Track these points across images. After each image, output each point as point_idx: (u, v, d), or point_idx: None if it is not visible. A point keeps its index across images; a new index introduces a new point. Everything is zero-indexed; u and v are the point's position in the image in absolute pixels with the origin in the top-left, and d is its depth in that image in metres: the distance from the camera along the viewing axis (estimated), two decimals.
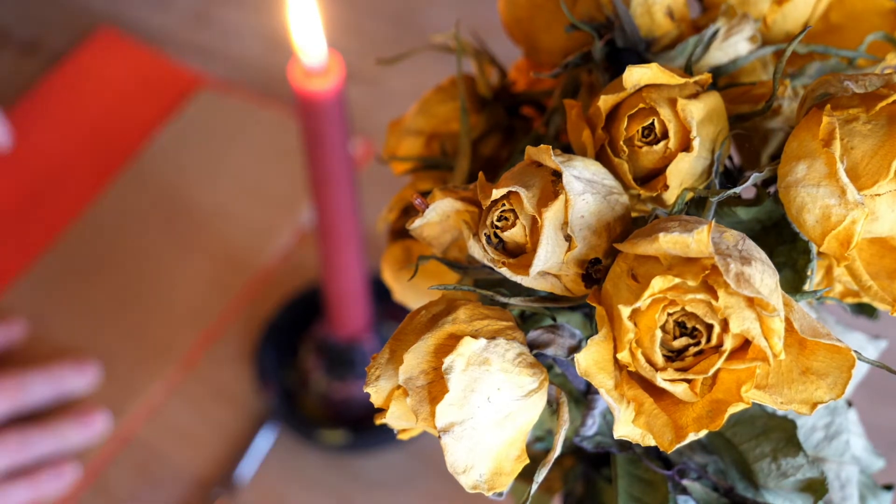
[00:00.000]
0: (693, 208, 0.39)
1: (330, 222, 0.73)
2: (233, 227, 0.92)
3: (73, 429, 0.81)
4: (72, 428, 0.81)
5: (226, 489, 0.80)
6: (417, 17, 1.07)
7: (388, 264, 0.47)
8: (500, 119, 0.47)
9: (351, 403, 0.83)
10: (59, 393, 0.83)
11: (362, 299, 0.79)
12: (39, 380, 0.82)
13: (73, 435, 0.81)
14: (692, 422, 0.34)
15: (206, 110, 0.99)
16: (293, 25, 0.64)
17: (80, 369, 0.84)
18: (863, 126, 0.36)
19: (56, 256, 0.92)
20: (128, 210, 0.94)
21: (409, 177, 0.49)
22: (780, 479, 0.42)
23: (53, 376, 0.83)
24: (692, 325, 0.33)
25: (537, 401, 0.36)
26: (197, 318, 0.88)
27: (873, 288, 0.37)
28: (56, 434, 0.80)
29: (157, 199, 0.94)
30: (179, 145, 0.97)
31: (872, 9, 0.43)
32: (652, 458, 0.42)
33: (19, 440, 0.79)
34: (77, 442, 0.81)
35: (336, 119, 0.67)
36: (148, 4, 1.10)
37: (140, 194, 0.95)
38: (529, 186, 0.36)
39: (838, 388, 0.34)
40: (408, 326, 0.37)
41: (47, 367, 0.83)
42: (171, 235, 0.92)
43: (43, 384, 0.82)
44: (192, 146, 0.97)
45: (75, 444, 0.81)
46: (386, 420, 0.37)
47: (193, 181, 0.95)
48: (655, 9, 0.42)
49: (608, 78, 0.42)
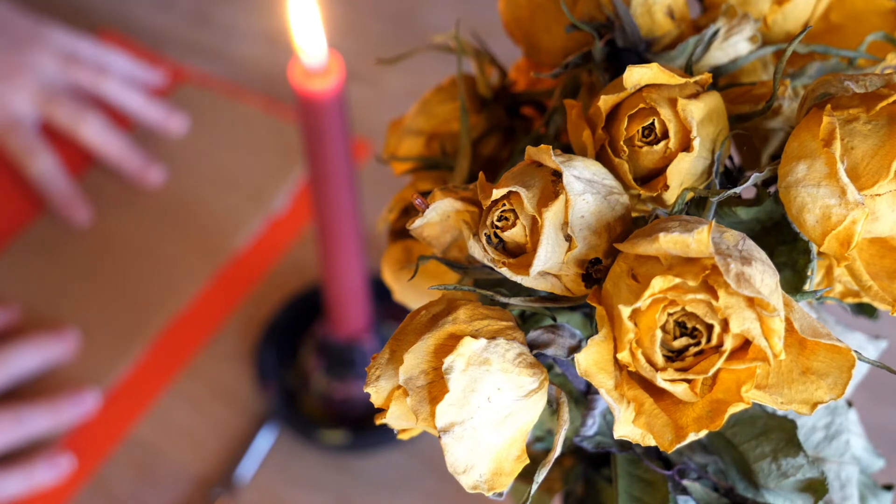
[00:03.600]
0: (693, 208, 0.39)
1: (330, 222, 0.73)
2: (206, 213, 0.95)
3: (64, 405, 0.82)
4: (63, 404, 0.82)
5: (226, 489, 0.80)
6: (417, 17, 1.08)
7: (388, 264, 0.47)
8: (500, 119, 0.47)
9: (351, 403, 0.83)
10: (43, 362, 0.85)
11: (362, 299, 0.79)
12: (21, 351, 0.84)
13: (65, 411, 0.82)
14: (692, 422, 0.34)
15: (186, 103, 1.01)
16: (293, 25, 0.64)
17: (59, 337, 0.86)
18: (863, 126, 0.36)
19: (31, 237, 0.94)
20: (105, 193, 0.96)
21: (410, 177, 0.49)
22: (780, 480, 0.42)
23: (35, 346, 0.85)
24: (692, 325, 0.33)
25: (537, 401, 0.36)
26: (169, 300, 0.90)
27: (873, 288, 0.37)
28: (48, 411, 0.82)
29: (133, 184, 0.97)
30: (159, 134, 0.99)
31: (872, 9, 0.43)
32: (652, 458, 0.42)
33: (13, 418, 0.80)
34: (69, 418, 0.83)
35: (336, 119, 0.67)
36: (149, 4, 1.10)
37: (116, 179, 0.97)
38: (529, 186, 0.36)
39: (838, 388, 0.34)
40: (408, 326, 0.37)
41: (27, 338, 0.85)
42: (144, 218, 0.95)
43: (25, 354, 0.84)
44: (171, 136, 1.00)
45: (67, 420, 0.83)
46: (386, 420, 0.37)
47: (171, 168, 0.97)
48: (656, 9, 0.42)
49: (608, 78, 0.42)
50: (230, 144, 0.99)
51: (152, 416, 0.84)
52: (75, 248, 0.93)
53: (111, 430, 0.84)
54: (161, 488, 0.81)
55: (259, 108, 1.01)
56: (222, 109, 1.01)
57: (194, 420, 0.84)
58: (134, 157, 0.96)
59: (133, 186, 0.96)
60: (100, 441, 0.83)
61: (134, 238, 0.94)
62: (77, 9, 1.09)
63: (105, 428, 0.84)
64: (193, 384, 0.86)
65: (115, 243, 0.93)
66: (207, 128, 1.00)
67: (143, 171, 0.96)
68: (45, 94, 0.95)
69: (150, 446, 0.83)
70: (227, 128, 1.00)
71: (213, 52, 1.06)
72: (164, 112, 0.98)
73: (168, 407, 0.85)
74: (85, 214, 0.94)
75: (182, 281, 0.91)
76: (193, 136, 1.00)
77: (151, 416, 0.84)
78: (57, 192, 0.94)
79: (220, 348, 0.87)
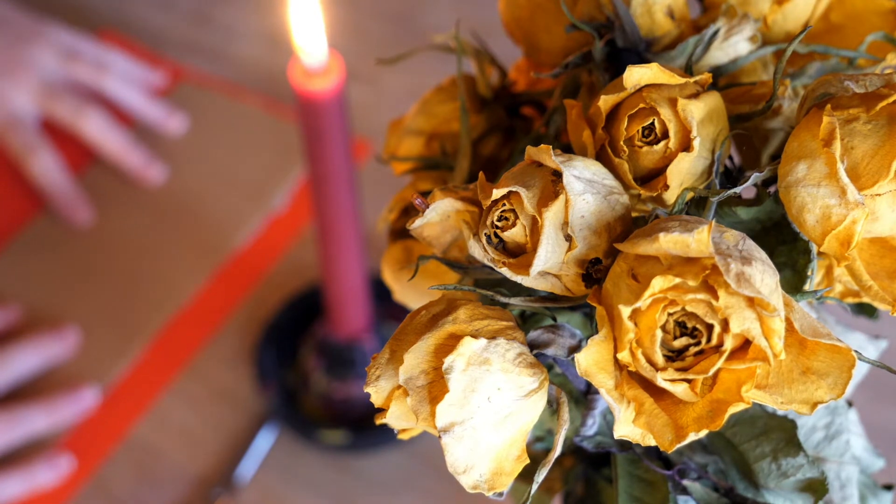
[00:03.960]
0: (693, 208, 0.39)
1: (330, 222, 0.73)
2: (206, 212, 0.95)
3: (62, 403, 0.82)
4: (61, 402, 0.82)
5: (226, 489, 0.80)
6: (417, 17, 1.08)
7: (388, 264, 0.47)
8: (500, 119, 0.47)
9: (351, 403, 0.83)
10: (44, 361, 0.84)
11: (362, 299, 0.79)
12: (22, 351, 0.84)
13: (62, 409, 0.82)
14: (692, 422, 0.34)
15: (186, 103, 1.01)
16: (293, 25, 0.64)
17: (59, 336, 0.86)
18: (863, 126, 0.36)
19: (31, 235, 0.94)
20: (105, 191, 0.96)
21: (410, 177, 0.49)
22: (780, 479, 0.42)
23: (35, 346, 0.84)
24: (692, 325, 0.33)
25: (537, 401, 0.36)
26: (168, 299, 0.90)
27: (873, 288, 0.37)
28: (46, 410, 0.81)
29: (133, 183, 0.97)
30: (158, 133, 0.99)
31: (872, 9, 0.43)
32: (652, 458, 0.42)
33: (10, 418, 0.80)
34: (67, 416, 0.82)
35: (336, 119, 0.67)
36: (149, 5, 1.10)
37: (116, 177, 0.97)
38: (530, 186, 0.36)
39: (838, 388, 0.34)
40: (408, 326, 0.37)
41: (28, 338, 0.84)
42: (144, 217, 0.95)
43: (26, 355, 0.84)
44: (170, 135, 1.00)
45: (65, 418, 0.82)
46: (386, 420, 0.37)
47: (171, 167, 0.97)
48: (656, 9, 0.41)
49: (608, 78, 0.42)
50: (230, 143, 1.00)
51: (152, 416, 0.84)
52: (75, 246, 0.93)
53: (111, 430, 0.84)
54: (161, 488, 0.81)
55: (259, 108, 1.01)
56: (222, 109, 1.01)
57: (194, 420, 0.84)
58: (135, 154, 0.95)
59: (133, 185, 0.96)
60: (100, 441, 0.83)
61: (134, 236, 0.94)
62: (77, 9, 1.09)
63: (105, 428, 0.84)
64: (193, 384, 0.86)
65: (115, 242, 0.93)
66: (207, 127, 1.00)
67: (143, 168, 0.95)
68: (45, 91, 0.95)
69: (150, 446, 0.83)
70: (226, 127, 1.00)
71: (213, 52, 1.06)
72: (164, 111, 0.98)
73: (168, 407, 0.85)
74: (85, 214, 0.94)
75: (182, 279, 0.91)
76: (193, 136, 1.00)
77: (151, 416, 0.84)
78: (57, 191, 0.94)
79: (220, 348, 0.87)
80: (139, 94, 0.98)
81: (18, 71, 0.95)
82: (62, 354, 0.86)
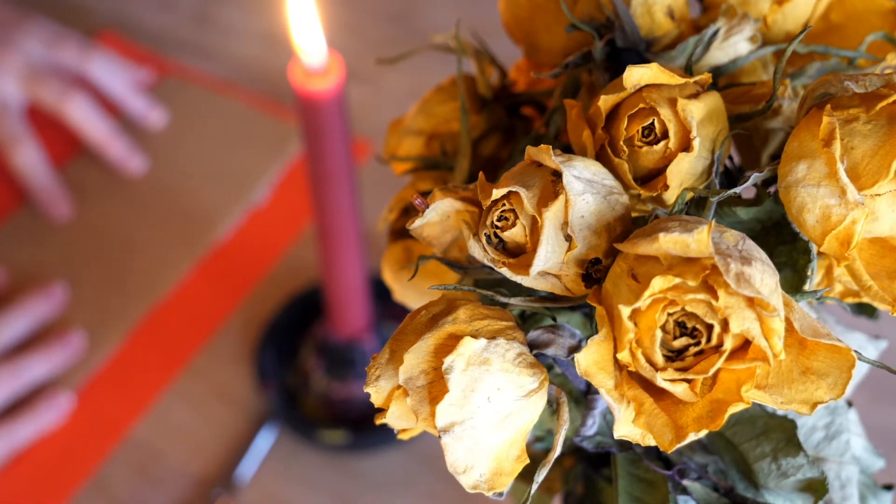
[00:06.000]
0: (693, 208, 0.39)
1: (330, 222, 0.73)
2: (188, 203, 0.96)
3: (56, 350, 0.85)
4: (55, 349, 0.85)
5: (226, 489, 0.80)
6: (417, 17, 1.08)
7: (388, 264, 0.47)
8: (500, 119, 0.47)
9: (351, 403, 0.83)
10: (35, 321, 0.87)
11: (362, 299, 0.79)
12: (13, 314, 0.86)
13: (57, 355, 0.85)
14: (692, 422, 0.34)
15: (170, 96, 1.02)
16: (293, 25, 0.64)
17: (47, 294, 0.88)
18: (863, 126, 0.36)
19: (12, 227, 0.94)
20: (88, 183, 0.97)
21: (410, 177, 0.49)
22: (780, 479, 0.42)
23: (25, 307, 0.86)
24: (692, 325, 0.33)
25: (537, 401, 0.36)
26: (150, 290, 0.91)
27: (873, 288, 0.37)
28: (43, 357, 0.84)
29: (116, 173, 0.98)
30: (140, 126, 1.00)
31: (872, 9, 0.43)
32: (652, 458, 0.42)
33: (10, 370, 0.82)
34: (62, 361, 0.85)
35: (336, 119, 0.67)
36: (149, 5, 1.10)
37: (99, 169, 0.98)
38: (529, 186, 0.36)
39: (838, 388, 0.34)
40: (408, 326, 0.37)
41: (16, 301, 0.87)
42: (126, 208, 0.96)
43: (18, 317, 0.86)
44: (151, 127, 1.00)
45: (61, 363, 0.85)
46: (386, 420, 0.37)
47: (153, 159, 0.98)
48: (656, 9, 0.42)
49: (608, 78, 0.42)
50: (212, 137, 1.01)
51: (152, 416, 0.84)
52: (57, 237, 0.94)
53: (111, 430, 0.84)
54: (161, 488, 0.81)
55: (243, 103, 1.02)
56: (205, 103, 1.02)
57: (194, 420, 0.84)
58: (118, 143, 0.96)
59: (115, 176, 0.97)
60: (100, 441, 0.83)
61: (116, 228, 0.95)
62: (76, 9, 1.09)
63: (105, 428, 0.84)
64: (193, 384, 0.86)
65: (97, 233, 0.94)
66: (189, 120, 1.01)
67: (126, 158, 0.96)
68: (30, 74, 0.95)
69: (150, 446, 0.83)
70: (208, 120, 1.01)
71: (213, 52, 1.06)
72: (146, 102, 0.99)
73: (168, 407, 0.85)
74: (65, 209, 0.94)
75: (164, 270, 0.92)
76: (175, 129, 1.01)
77: (151, 416, 0.84)
78: (39, 185, 0.94)
79: (220, 348, 0.88)
80: (122, 82, 0.98)
81: (3, 55, 0.95)
82: (52, 313, 0.88)
